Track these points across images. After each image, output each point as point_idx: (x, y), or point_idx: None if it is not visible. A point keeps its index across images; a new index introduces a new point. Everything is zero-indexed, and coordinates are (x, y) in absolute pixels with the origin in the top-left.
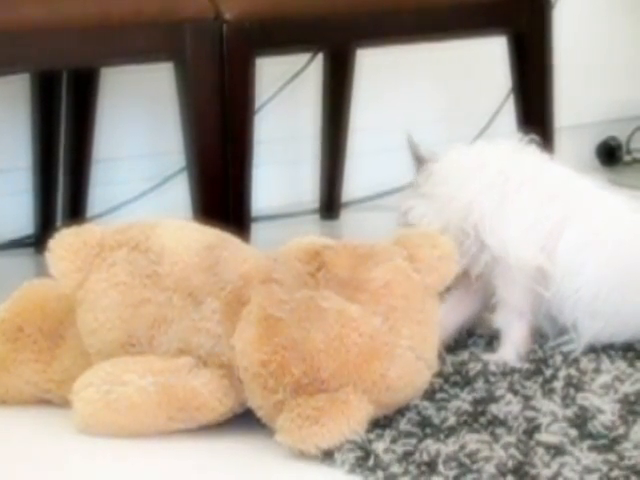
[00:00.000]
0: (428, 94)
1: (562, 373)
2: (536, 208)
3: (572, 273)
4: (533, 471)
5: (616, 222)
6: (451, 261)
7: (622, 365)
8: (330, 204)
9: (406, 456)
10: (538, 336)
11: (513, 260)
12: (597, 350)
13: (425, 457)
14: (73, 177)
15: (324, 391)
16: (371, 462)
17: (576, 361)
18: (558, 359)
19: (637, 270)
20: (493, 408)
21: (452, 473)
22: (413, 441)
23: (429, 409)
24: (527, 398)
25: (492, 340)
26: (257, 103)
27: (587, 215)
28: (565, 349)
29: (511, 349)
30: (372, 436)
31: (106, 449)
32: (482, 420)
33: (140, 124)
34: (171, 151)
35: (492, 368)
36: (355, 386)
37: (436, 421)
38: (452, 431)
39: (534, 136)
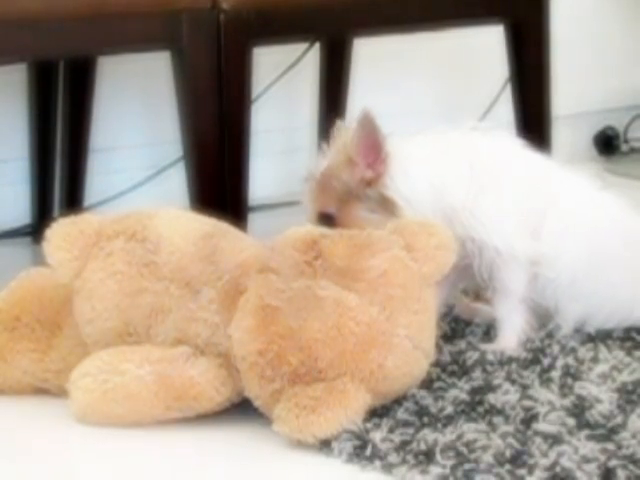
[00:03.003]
0: (425, 83)
1: (560, 362)
2: (523, 200)
3: (552, 259)
4: (531, 460)
5: (589, 209)
6: (448, 250)
7: (620, 354)
8: None
9: (403, 445)
10: (535, 323)
11: (520, 253)
12: (595, 339)
13: (422, 446)
14: (70, 167)
15: (321, 380)
16: (368, 451)
17: (574, 350)
18: (556, 348)
19: (611, 252)
20: (491, 397)
21: (450, 462)
22: (410, 430)
23: (426, 398)
24: (525, 387)
25: (489, 329)
26: (254, 92)
27: (564, 203)
28: (556, 333)
29: (512, 336)
30: (369, 425)
31: (103, 438)
32: (480, 409)
33: (137, 114)
34: (168, 141)
35: (490, 357)
36: (352, 375)
37: (433, 410)
38: (450, 420)
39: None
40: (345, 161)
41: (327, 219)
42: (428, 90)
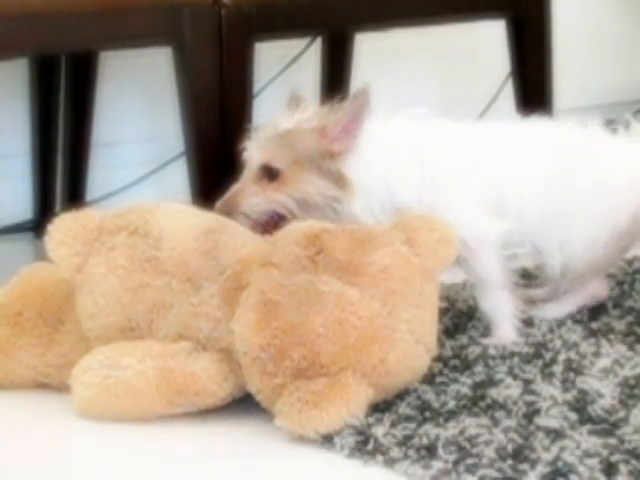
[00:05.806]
0: (427, 78)
1: (562, 357)
2: (482, 184)
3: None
4: (533, 455)
5: (544, 169)
6: (450, 244)
7: (622, 349)
8: None
9: (405, 440)
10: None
11: (492, 236)
12: (597, 334)
13: (425, 441)
14: (72, 162)
15: (323, 375)
16: (370, 446)
17: (576, 345)
18: (558, 343)
19: (568, 212)
20: (493, 392)
21: (452, 457)
22: (412, 425)
23: (428, 393)
24: (527, 382)
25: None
26: (255, 87)
27: (517, 174)
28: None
29: (507, 326)
30: (371, 420)
31: (105, 434)
32: (482, 404)
33: (139, 108)
34: (170, 135)
35: (491, 352)
36: (354, 370)
37: (436, 405)
38: (452, 415)
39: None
40: (315, 129)
41: (269, 172)
42: (430, 85)
